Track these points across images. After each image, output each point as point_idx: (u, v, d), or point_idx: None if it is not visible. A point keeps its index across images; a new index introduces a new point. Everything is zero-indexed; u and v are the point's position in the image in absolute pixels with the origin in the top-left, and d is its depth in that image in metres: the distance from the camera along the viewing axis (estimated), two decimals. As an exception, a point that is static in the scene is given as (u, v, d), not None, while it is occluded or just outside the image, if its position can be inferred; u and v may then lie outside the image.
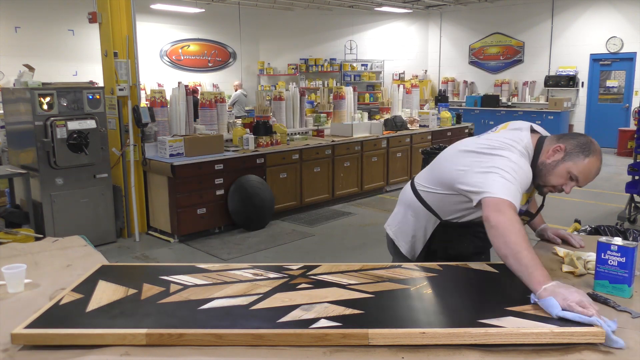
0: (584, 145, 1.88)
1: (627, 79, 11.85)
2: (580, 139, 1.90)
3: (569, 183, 1.91)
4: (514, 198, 1.74)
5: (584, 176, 1.87)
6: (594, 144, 1.89)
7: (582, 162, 1.85)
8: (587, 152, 1.86)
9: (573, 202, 7.28)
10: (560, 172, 1.89)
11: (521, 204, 1.95)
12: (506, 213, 1.67)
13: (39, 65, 6.83)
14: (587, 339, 1.33)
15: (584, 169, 1.86)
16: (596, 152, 1.87)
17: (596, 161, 1.86)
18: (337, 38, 14.14)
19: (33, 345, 1.35)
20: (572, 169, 1.87)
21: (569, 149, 1.88)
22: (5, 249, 2.17)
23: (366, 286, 1.64)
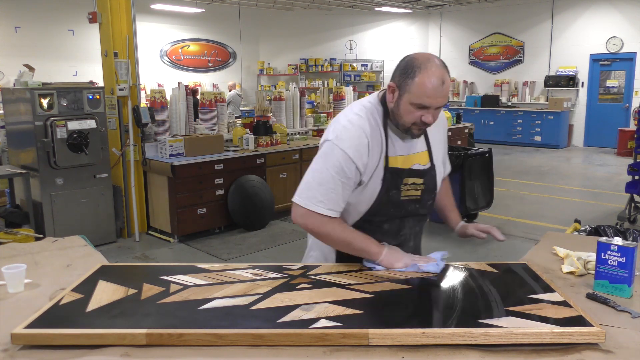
0: (406, 68, 1.68)
1: (627, 79, 11.85)
2: (401, 65, 1.71)
3: (420, 113, 1.69)
4: (320, 202, 1.74)
5: (426, 98, 1.66)
6: (416, 59, 1.67)
7: (413, 88, 1.66)
8: (412, 74, 1.66)
9: (573, 202, 7.28)
10: (405, 109, 1.70)
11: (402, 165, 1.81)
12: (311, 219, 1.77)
13: (39, 65, 6.84)
14: (587, 339, 1.33)
15: (420, 92, 1.65)
16: (421, 66, 1.65)
17: (426, 75, 1.63)
18: (337, 38, 14.15)
19: (33, 345, 1.34)
20: (412, 99, 1.67)
21: (398, 82, 1.70)
22: (5, 249, 2.17)
23: (366, 286, 1.64)
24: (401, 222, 1.90)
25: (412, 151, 1.85)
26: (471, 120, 11.53)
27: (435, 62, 1.67)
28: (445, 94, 1.68)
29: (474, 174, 6.09)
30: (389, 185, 1.80)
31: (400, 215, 1.88)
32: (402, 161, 1.82)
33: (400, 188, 1.82)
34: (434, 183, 1.91)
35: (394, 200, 1.82)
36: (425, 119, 1.70)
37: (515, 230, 5.94)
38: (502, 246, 5.42)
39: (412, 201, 1.87)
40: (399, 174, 1.81)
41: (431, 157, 1.90)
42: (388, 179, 1.79)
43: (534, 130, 12.67)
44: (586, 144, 12.63)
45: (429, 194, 1.91)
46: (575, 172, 9.66)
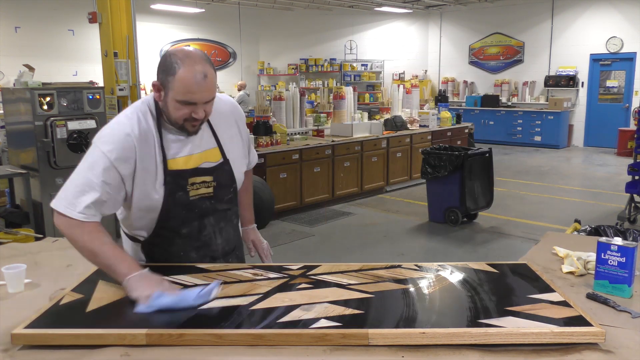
0: (166, 65, 1.62)
1: (627, 79, 11.86)
2: (162, 61, 1.64)
3: (189, 109, 1.63)
4: (70, 202, 1.66)
5: (189, 94, 1.60)
6: (175, 54, 1.61)
7: (176, 84, 1.59)
8: (172, 71, 1.60)
9: (573, 202, 7.28)
10: (173, 106, 1.64)
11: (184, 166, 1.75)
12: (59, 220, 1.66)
13: (39, 65, 6.84)
14: (587, 339, 1.33)
15: (183, 88, 1.59)
16: (179, 62, 1.59)
17: (185, 70, 1.58)
18: (337, 38, 14.15)
19: (33, 345, 1.35)
20: (176, 96, 1.61)
21: (161, 80, 1.64)
22: (5, 249, 2.17)
23: (366, 286, 1.64)
24: (200, 223, 1.83)
25: (198, 150, 1.79)
26: (471, 120, 11.53)
27: (196, 56, 1.62)
28: (209, 88, 1.62)
29: (474, 174, 6.09)
30: (172, 188, 1.73)
31: (197, 216, 1.81)
32: (185, 162, 1.76)
33: (187, 189, 1.76)
34: (228, 177, 1.85)
35: (181, 201, 1.76)
36: (196, 115, 1.65)
37: (515, 230, 5.94)
38: (502, 246, 5.43)
39: (204, 199, 1.81)
40: (181, 175, 1.75)
41: (222, 153, 1.84)
42: (170, 182, 1.73)
43: (534, 130, 12.67)
44: (586, 144, 12.63)
45: (224, 189, 1.85)
46: (575, 172, 9.66)
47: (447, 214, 6.16)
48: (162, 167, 1.72)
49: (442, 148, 6.47)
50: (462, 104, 13.93)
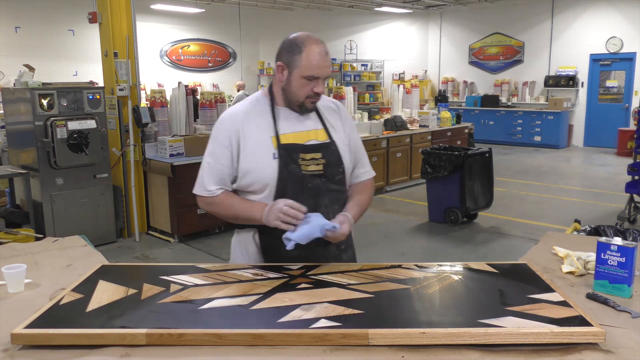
0: (291, 46, 1.82)
1: (627, 79, 11.86)
2: (285, 45, 1.85)
3: (312, 84, 1.83)
4: (201, 185, 1.94)
5: (316, 69, 1.80)
6: (297, 37, 1.82)
7: (302, 61, 1.79)
8: (297, 49, 1.80)
9: (573, 202, 7.28)
10: (298, 84, 1.83)
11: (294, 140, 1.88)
12: (200, 203, 1.97)
13: (39, 65, 6.84)
14: (587, 339, 1.33)
15: (308, 65, 1.79)
16: (304, 42, 1.80)
17: (311, 48, 1.79)
18: (337, 38, 14.14)
19: (33, 345, 1.35)
20: (303, 72, 1.81)
21: (285, 60, 1.84)
22: (5, 249, 2.17)
23: (366, 286, 1.64)
24: (315, 202, 1.89)
25: (304, 128, 1.93)
26: (471, 120, 11.53)
27: (315, 38, 1.83)
28: (329, 64, 1.85)
29: (474, 174, 6.09)
30: (285, 161, 1.85)
31: (311, 194, 1.89)
32: (294, 137, 1.90)
33: (298, 163, 1.87)
34: (336, 157, 1.94)
35: (295, 174, 1.86)
36: (316, 89, 1.84)
37: (515, 230, 5.94)
38: (502, 246, 5.43)
39: (315, 176, 1.89)
40: (293, 149, 1.88)
41: (329, 134, 1.96)
42: (283, 155, 1.86)
43: (534, 130, 12.67)
44: (586, 144, 12.63)
45: (333, 168, 1.93)
46: (575, 172, 9.66)
47: (447, 214, 6.15)
48: (274, 143, 1.87)
49: (442, 148, 6.47)
50: (462, 104, 13.93)
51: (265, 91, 1.98)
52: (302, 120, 1.93)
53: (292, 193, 1.85)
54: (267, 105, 1.93)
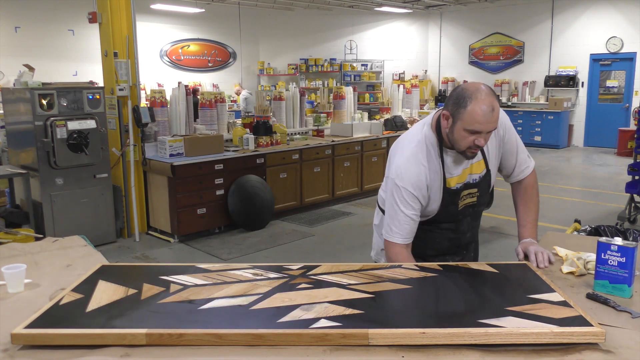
0: (458, 98, 1.86)
1: (627, 79, 11.85)
2: (453, 95, 1.89)
3: (474, 137, 1.86)
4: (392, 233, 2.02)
5: (478, 124, 1.83)
6: (467, 89, 1.85)
7: (466, 116, 1.83)
8: (464, 104, 1.83)
9: (573, 202, 7.28)
10: (459, 135, 1.88)
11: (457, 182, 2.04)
12: (389, 253, 2.04)
13: (39, 65, 6.83)
14: (587, 339, 1.33)
15: (471, 119, 1.82)
16: (472, 96, 1.83)
17: (477, 104, 1.81)
18: (337, 38, 14.14)
19: (33, 345, 1.35)
20: (465, 126, 1.85)
21: (451, 111, 1.88)
22: (5, 249, 2.17)
23: (366, 286, 1.64)
24: (459, 223, 2.14)
25: (467, 165, 2.04)
26: (471, 120, 11.50)
27: (484, 91, 1.83)
28: (495, 119, 1.84)
29: (474, 174, 6.08)
30: (447, 203, 2.04)
31: (459, 219, 2.13)
32: (458, 179, 2.04)
33: (457, 202, 2.06)
34: (487, 185, 2.12)
35: (451, 212, 2.07)
36: (478, 142, 1.87)
37: (516, 230, 5.92)
38: (502, 246, 5.42)
39: (469, 207, 2.11)
40: (457, 193, 2.04)
41: (487, 164, 2.08)
42: (446, 199, 2.03)
43: (534, 130, 12.67)
44: (586, 144, 12.63)
45: (484, 195, 2.13)
46: (575, 172, 9.66)
47: (447, 214, 6.15)
48: (441, 186, 2.02)
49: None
50: (462, 104, 13.91)
51: (431, 130, 2.02)
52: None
53: (443, 221, 2.10)
54: (436, 149, 2.00)
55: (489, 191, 2.15)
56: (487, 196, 2.16)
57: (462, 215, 2.12)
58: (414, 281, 1.71)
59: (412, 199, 1.98)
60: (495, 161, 2.11)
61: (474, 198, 2.10)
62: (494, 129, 1.87)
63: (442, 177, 2.00)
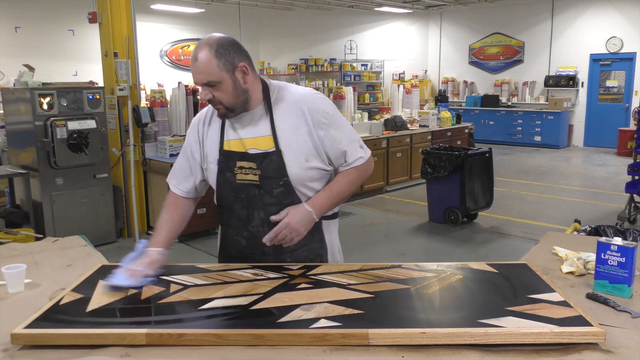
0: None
1: (627, 79, 11.85)
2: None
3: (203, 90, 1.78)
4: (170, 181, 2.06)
5: (192, 75, 1.77)
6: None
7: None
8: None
9: (573, 202, 7.28)
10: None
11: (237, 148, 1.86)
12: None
13: (39, 65, 6.83)
14: (587, 339, 1.33)
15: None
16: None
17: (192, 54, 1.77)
18: (337, 38, 14.14)
19: (33, 345, 1.35)
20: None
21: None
22: (5, 249, 2.17)
23: (366, 286, 1.64)
24: (249, 213, 1.87)
25: (252, 135, 1.85)
26: (471, 120, 11.52)
27: (202, 42, 1.74)
28: (199, 71, 1.72)
29: (474, 174, 6.09)
30: (222, 167, 1.88)
31: (245, 204, 1.87)
32: (236, 145, 1.86)
33: (234, 171, 1.86)
34: (276, 168, 1.81)
35: (229, 182, 1.88)
36: (203, 96, 1.80)
37: (515, 230, 5.94)
38: (502, 246, 5.43)
39: (251, 186, 1.84)
40: (231, 156, 1.86)
41: (276, 142, 1.81)
42: (222, 162, 1.88)
43: (534, 130, 12.67)
44: (586, 144, 12.63)
45: (271, 180, 1.81)
46: (575, 172, 9.66)
47: (447, 214, 6.15)
48: (218, 147, 1.89)
49: (442, 148, 6.47)
50: (462, 104, 13.92)
51: None
52: (254, 125, 1.84)
53: (226, 199, 1.92)
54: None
55: (281, 178, 1.81)
56: (277, 185, 1.82)
57: (246, 196, 1.85)
58: (414, 281, 1.71)
59: (185, 150, 2.00)
60: (299, 144, 1.81)
61: (256, 176, 1.82)
62: (205, 82, 1.72)
63: (220, 134, 1.89)
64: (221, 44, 1.73)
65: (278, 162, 1.81)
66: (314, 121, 1.82)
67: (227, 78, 1.73)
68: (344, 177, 1.91)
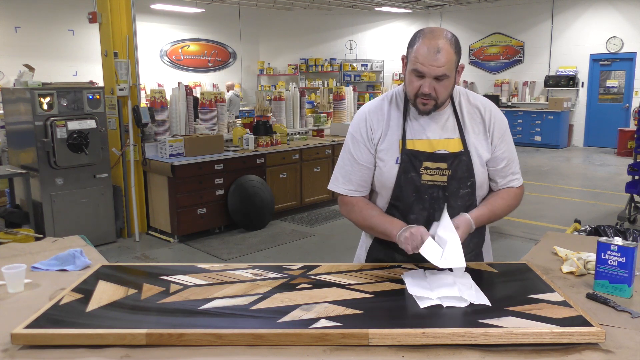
0: (411, 39, 1.74)
1: (627, 79, 11.85)
2: (411, 37, 1.77)
3: (420, 82, 1.71)
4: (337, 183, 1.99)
5: (419, 64, 1.68)
6: (422, 30, 1.73)
7: (412, 54, 1.71)
8: (413, 43, 1.72)
9: (573, 202, 7.28)
10: (409, 79, 1.75)
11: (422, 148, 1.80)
12: (341, 201, 2.02)
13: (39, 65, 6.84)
14: (587, 339, 1.33)
15: (415, 57, 1.69)
16: (422, 35, 1.70)
17: (423, 42, 1.68)
18: (337, 38, 14.15)
19: (33, 345, 1.35)
20: (410, 66, 1.73)
21: (406, 53, 1.77)
22: (5, 249, 2.17)
23: (366, 286, 1.64)
24: (430, 215, 1.83)
25: (440, 137, 1.82)
26: (471, 120, 11.50)
27: (439, 32, 1.69)
28: (440, 63, 1.66)
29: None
30: (405, 167, 1.80)
31: (427, 206, 1.83)
32: (422, 145, 1.81)
33: (419, 172, 1.80)
34: (465, 169, 1.81)
35: (412, 183, 1.81)
36: (422, 88, 1.71)
37: (515, 230, 5.94)
38: (502, 246, 5.43)
39: (437, 187, 1.81)
40: (417, 156, 1.80)
41: (464, 143, 1.82)
42: (405, 161, 1.80)
43: (534, 130, 12.67)
44: (586, 144, 12.63)
45: (459, 181, 1.81)
46: (575, 172, 9.66)
47: (447, 214, 6.14)
48: (399, 145, 1.82)
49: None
50: (462, 104, 13.91)
51: (401, 89, 1.89)
52: (442, 126, 1.83)
53: (406, 200, 1.83)
54: (400, 106, 1.86)
55: (469, 178, 1.82)
56: (465, 186, 1.82)
57: (429, 198, 1.81)
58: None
59: (356, 145, 1.87)
60: (480, 150, 1.84)
61: (444, 177, 1.80)
62: (439, 74, 1.68)
63: (401, 130, 1.81)
64: (456, 40, 1.74)
65: (467, 164, 1.82)
66: (492, 130, 1.87)
67: (453, 75, 1.74)
68: (504, 199, 1.91)
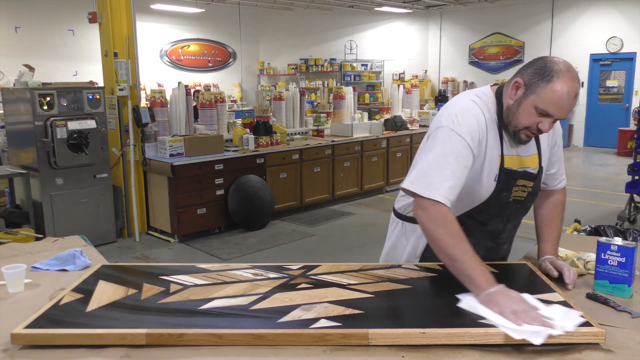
0: (542, 70, 1.58)
1: (627, 79, 11.86)
2: (537, 64, 1.61)
3: (540, 119, 1.61)
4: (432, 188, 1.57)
5: (554, 106, 1.58)
6: (556, 63, 1.57)
7: (545, 91, 1.56)
8: (547, 78, 1.56)
9: (573, 202, 7.28)
10: (526, 110, 1.62)
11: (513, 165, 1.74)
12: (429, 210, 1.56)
13: (39, 65, 6.83)
14: (587, 339, 1.33)
15: (551, 98, 1.56)
16: (560, 73, 1.55)
17: (563, 83, 1.55)
18: (337, 38, 14.14)
19: (33, 345, 1.35)
20: (537, 103, 1.59)
21: (527, 81, 1.61)
22: (5, 249, 2.17)
23: (366, 286, 1.64)
24: (504, 227, 1.87)
25: (524, 153, 1.78)
26: (471, 120, 11.50)
27: (573, 72, 1.58)
28: (570, 108, 1.60)
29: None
30: (502, 187, 1.74)
31: (504, 219, 1.85)
32: (514, 162, 1.76)
33: (511, 190, 1.77)
34: (538, 186, 1.86)
35: (502, 201, 1.78)
36: (542, 126, 1.62)
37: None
38: (502, 246, 5.42)
39: (515, 201, 1.82)
40: (513, 175, 1.75)
41: (540, 160, 1.82)
42: (502, 180, 1.73)
43: (534, 130, 12.67)
44: (586, 144, 12.63)
45: (533, 196, 1.86)
46: (575, 172, 9.66)
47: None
48: (498, 162, 1.72)
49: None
50: (462, 104, 13.91)
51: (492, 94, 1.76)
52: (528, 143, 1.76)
53: (488, 215, 1.80)
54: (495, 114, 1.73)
55: (537, 193, 1.88)
56: (533, 200, 1.89)
57: (509, 212, 1.82)
58: (414, 281, 1.71)
59: (466, 152, 1.62)
60: (546, 163, 1.88)
61: (525, 194, 1.81)
62: (563, 118, 1.62)
63: (499, 148, 1.71)
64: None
65: (540, 180, 1.86)
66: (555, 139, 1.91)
67: None
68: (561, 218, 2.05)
